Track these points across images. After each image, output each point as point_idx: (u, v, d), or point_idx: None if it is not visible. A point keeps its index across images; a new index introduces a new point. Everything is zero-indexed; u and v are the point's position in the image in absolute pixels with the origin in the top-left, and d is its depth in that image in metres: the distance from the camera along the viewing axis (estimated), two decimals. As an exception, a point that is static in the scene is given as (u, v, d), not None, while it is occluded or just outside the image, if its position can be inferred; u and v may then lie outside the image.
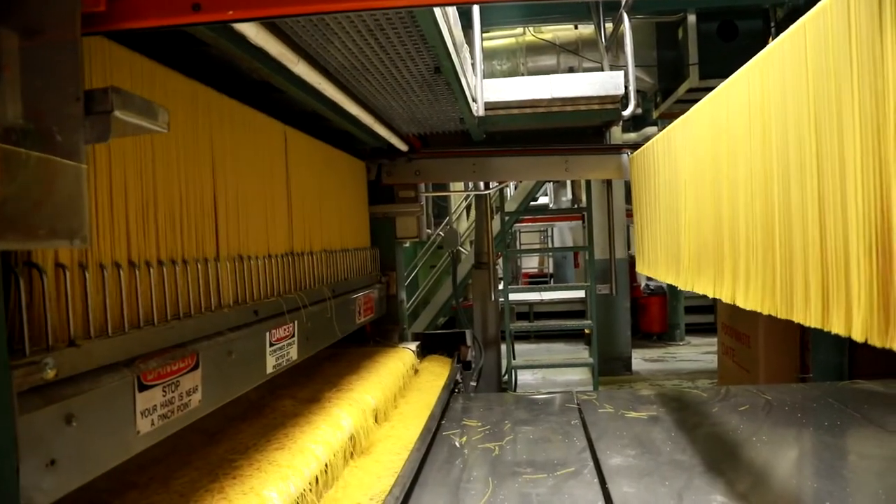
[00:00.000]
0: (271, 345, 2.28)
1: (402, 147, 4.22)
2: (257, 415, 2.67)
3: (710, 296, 2.75)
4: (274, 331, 2.31)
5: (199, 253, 1.93)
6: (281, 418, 2.59)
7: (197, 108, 1.98)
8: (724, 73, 5.54)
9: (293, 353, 2.49)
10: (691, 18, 5.27)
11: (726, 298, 2.50)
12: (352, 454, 2.63)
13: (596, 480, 2.62)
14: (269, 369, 2.27)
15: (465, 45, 3.11)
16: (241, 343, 2.05)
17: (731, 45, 5.28)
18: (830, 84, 1.56)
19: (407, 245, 5.73)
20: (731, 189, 2.42)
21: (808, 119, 1.70)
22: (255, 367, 2.19)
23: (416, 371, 4.11)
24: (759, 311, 2.13)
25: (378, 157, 4.37)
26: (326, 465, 2.28)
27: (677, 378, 8.48)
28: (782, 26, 5.30)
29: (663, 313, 11.15)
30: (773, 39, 5.88)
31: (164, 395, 1.58)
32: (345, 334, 3.26)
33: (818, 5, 1.61)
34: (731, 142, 2.43)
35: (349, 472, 2.52)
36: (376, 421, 3.02)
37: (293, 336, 2.47)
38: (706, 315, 10.75)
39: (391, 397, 3.35)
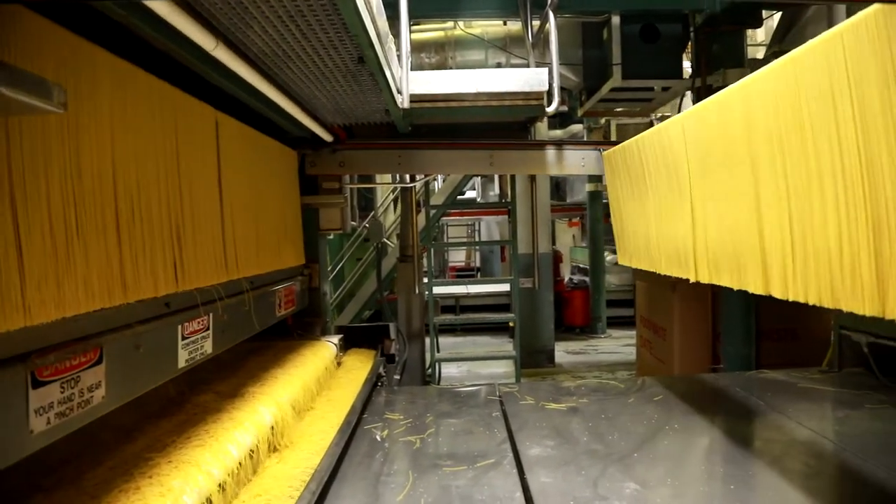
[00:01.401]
0: (184, 338, 2.20)
1: (327, 137, 4.16)
2: (177, 410, 2.57)
3: (736, 288, 2.78)
4: (187, 324, 2.23)
5: (128, 242, 1.84)
6: (202, 414, 2.50)
7: (126, 87, 1.88)
8: (646, 74, 5.70)
9: (208, 347, 2.41)
10: (615, 20, 5.39)
11: (758, 290, 2.57)
12: (272, 449, 2.58)
13: (515, 471, 2.66)
14: (181, 363, 2.19)
15: (391, 36, 3.08)
16: (151, 336, 1.96)
17: (652, 47, 5.44)
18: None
19: (332, 237, 5.65)
20: (766, 187, 2.44)
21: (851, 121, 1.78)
22: (165, 362, 2.11)
23: (339, 364, 4.07)
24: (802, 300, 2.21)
25: (302, 147, 4.29)
26: (244, 462, 2.23)
27: (598, 370, 8.71)
28: (700, 31, 5.51)
29: (586, 307, 11.42)
30: (692, 44, 6.03)
31: (62, 392, 1.49)
32: (264, 327, 3.18)
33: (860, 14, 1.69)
34: (765, 140, 2.42)
35: (268, 467, 2.46)
36: (297, 415, 2.96)
37: (208, 329, 2.40)
38: (627, 309, 11.08)
39: (312, 391, 3.30)
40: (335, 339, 4.18)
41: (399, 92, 3.40)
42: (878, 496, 2.38)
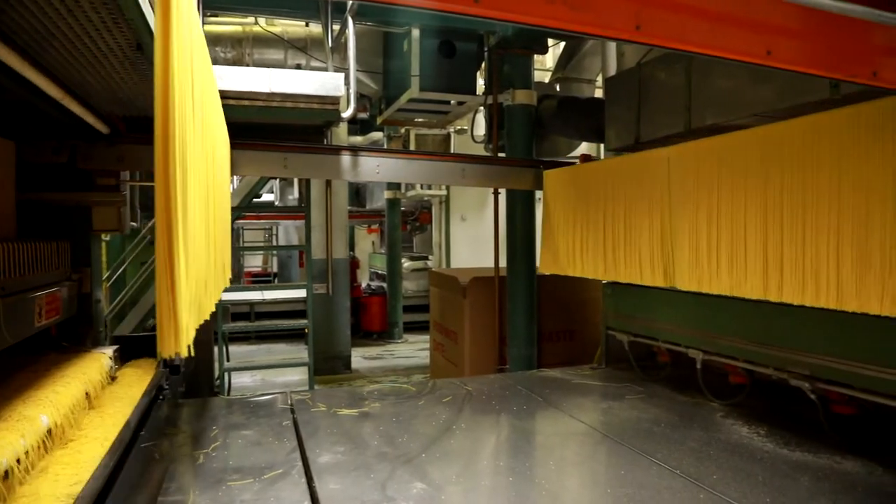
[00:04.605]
0: None
1: (103, 129, 3.78)
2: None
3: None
4: (-88, 336, 1.89)
5: None
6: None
7: None
8: (442, 88, 5.92)
9: (-59, 363, 2.06)
10: (415, 33, 5.54)
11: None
12: (26, 473, 2.26)
13: (303, 480, 2.62)
14: None
15: (177, 25, 2.88)
16: None
17: (450, 63, 5.67)
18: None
19: (108, 238, 5.15)
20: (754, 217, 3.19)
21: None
22: None
23: (114, 378, 3.71)
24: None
25: (73, 138, 3.85)
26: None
27: (395, 374, 8.85)
28: (493, 52, 5.85)
29: (383, 312, 11.56)
30: (486, 63, 6.37)
31: None
32: (18, 339, 2.80)
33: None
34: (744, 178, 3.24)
35: (20, 499, 2.16)
36: (58, 438, 2.64)
37: (-59, 342, 2.05)
38: (423, 314, 11.38)
39: (77, 410, 2.96)
40: (109, 350, 3.80)
41: (186, 85, 3.19)
42: (633, 475, 2.67)
